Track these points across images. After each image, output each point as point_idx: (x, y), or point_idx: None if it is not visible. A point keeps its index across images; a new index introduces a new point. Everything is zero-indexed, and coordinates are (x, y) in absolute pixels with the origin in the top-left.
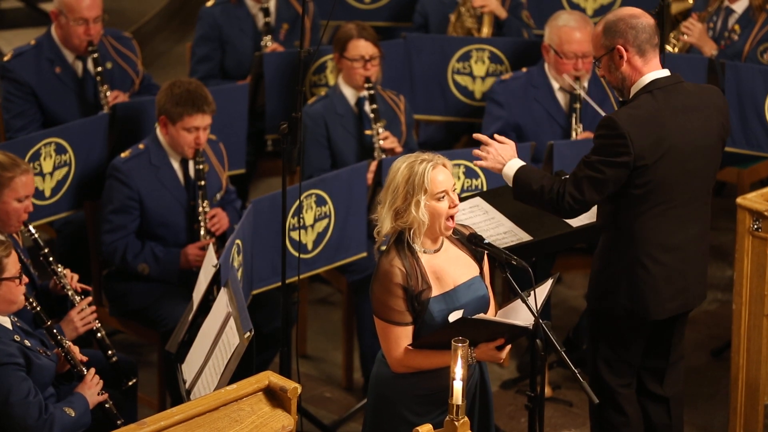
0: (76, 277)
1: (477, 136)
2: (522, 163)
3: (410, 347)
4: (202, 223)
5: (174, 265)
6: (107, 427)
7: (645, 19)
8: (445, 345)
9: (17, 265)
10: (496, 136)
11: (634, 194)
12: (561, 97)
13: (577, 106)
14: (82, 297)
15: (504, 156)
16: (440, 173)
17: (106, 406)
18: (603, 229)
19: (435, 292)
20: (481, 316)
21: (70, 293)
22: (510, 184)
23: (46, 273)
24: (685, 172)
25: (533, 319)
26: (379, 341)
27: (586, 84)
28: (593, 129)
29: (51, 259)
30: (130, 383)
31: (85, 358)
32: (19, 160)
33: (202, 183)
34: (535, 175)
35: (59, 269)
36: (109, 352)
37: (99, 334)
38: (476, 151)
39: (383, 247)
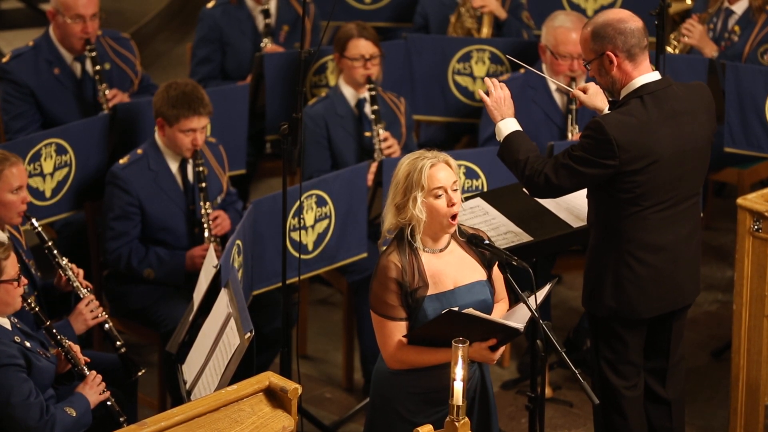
0: (81, 272)
1: (487, 80)
2: (518, 126)
3: (404, 343)
4: (205, 225)
5: (179, 268)
6: (109, 427)
7: (633, 23)
8: (438, 342)
9: (16, 267)
10: (499, 84)
11: (621, 197)
12: (558, 98)
13: (573, 107)
14: (89, 291)
15: (505, 109)
16: (440, 170)
17: (108, 404)
18: (591, 227)
19: (431, 290)
20: (470, 311)
21: (75, 285)
22: (499, 140)
23: (50, 270)
24: (674, 177)
25: (526, 320)
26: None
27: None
28: None
29: (55, 252)
30: (140, 373)
31: (87, 359)
32: (8, 153)
33: (203, 185)
34: (525, 145)
35: (64, 262)
36: (118, 343)
37: (107, 325)
38: (482, 93)
39: (384, 247)
